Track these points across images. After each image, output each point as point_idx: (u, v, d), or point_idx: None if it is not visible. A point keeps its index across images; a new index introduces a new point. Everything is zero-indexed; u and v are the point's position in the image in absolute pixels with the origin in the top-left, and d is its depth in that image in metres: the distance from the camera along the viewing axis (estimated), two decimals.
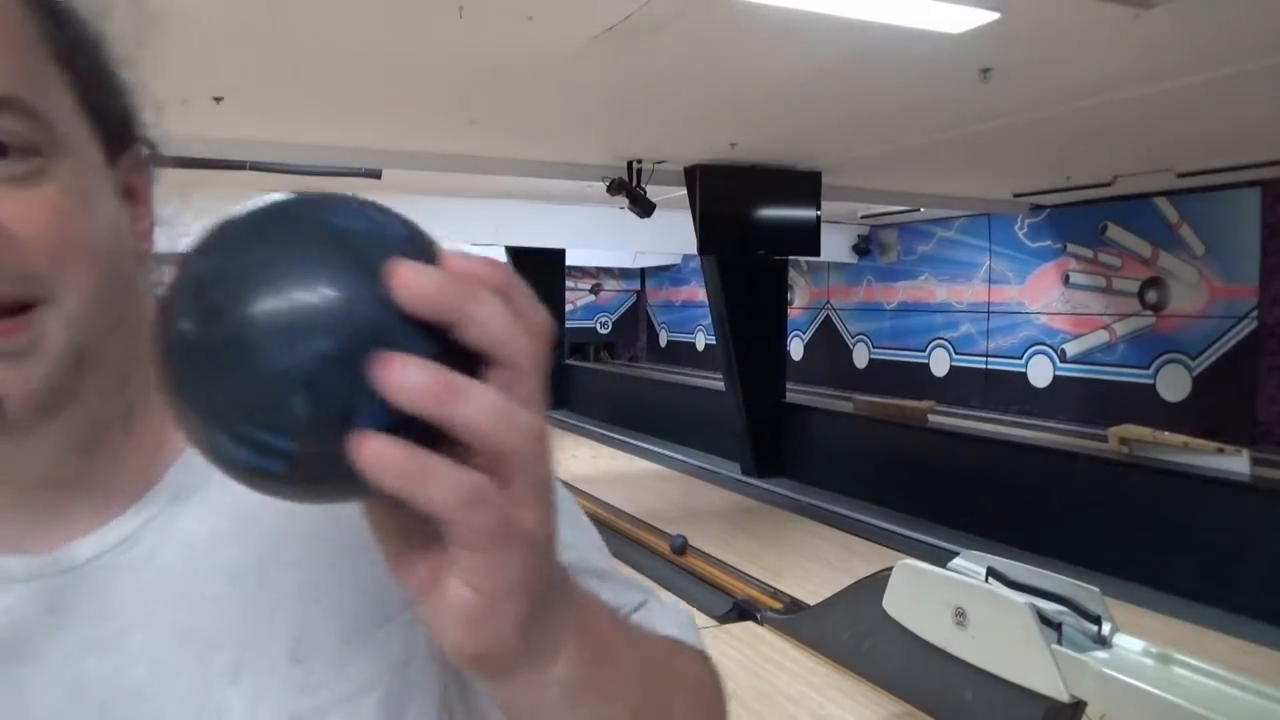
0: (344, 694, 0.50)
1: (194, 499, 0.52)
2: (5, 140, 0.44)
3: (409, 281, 0.31)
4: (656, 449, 9.03)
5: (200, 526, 0.51)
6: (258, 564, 0.51)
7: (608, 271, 15.74)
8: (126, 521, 0.50)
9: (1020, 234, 8.95)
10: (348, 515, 0.51)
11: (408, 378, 0.30)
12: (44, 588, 0.49)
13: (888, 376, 10.46)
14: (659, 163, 6.38)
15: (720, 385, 8.28)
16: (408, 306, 0.30)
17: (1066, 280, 8.49)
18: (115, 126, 0.51)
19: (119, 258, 0.49)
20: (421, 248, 0.33)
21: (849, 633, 3.74)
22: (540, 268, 10.91)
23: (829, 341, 11.66)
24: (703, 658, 0.57)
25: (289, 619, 0.50)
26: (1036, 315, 8.85)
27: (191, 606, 0.49)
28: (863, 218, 10.19)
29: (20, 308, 0.43)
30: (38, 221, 0.44)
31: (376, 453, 0.30)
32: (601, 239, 10.01)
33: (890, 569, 3.37)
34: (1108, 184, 7.02)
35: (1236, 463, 5.18)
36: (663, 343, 15.53)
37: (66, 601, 0.49)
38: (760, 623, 4.35)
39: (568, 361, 12.30)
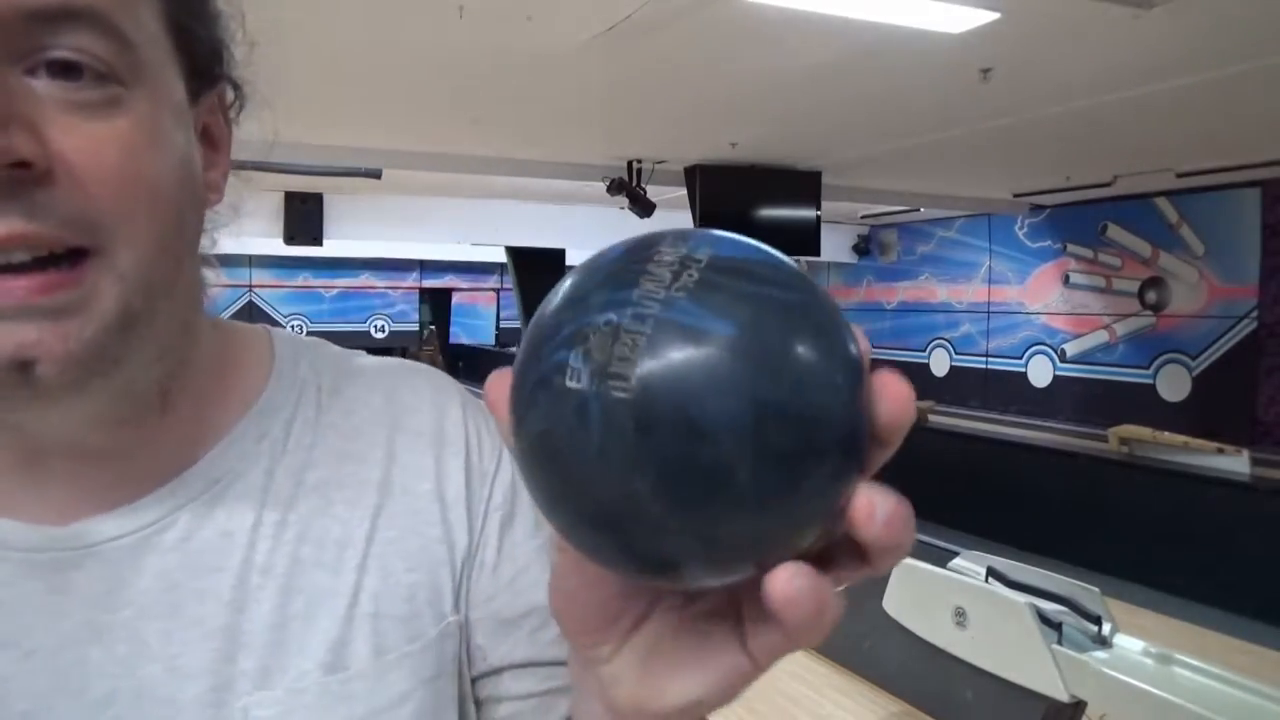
0: (380, 705, 0.47)
1: (236, 487, 0.48)
2: (80, 60, 0.38)
3: (868, 511, 0.28)
4: None
5: (241, 517, 0.47)
6: (295, 564, 0.47)
7: None
8: (159, 502, 0.46)
9: (1020, 234, 8.95)
10: (389, 532, 0.50)
11: (793, 588, 0.27)
12: (48, 563, 0.43)
13: None
14: (659, 163, 6.38)
15: None
16: (856, 524, 0.28)
17: (1066, 280, 8.49)
18: (202, 60, 0.46)
19: (186, 209, 0.43)
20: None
21: (849, 633, 3.74)
22: (540, 268, 10.91)
23: None
24: None
25: (324, 624, 0.47)
26: (1036, 315, 8.85)
27: (222, 601, 0.45)
28: (863, 218, 10.20)
29: (69, 255, 0.38)
30: (105, 158, 0.38)
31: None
32: (601, 239, 9.92)
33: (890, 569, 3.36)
34: (1108, 184, 7.02)
35: (1236, 463, 5.19)
36: None
37: (74, 582, 0.43)
38: None
39: None
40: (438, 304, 15.71)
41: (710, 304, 0.26)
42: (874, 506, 0.28)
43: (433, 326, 16.20)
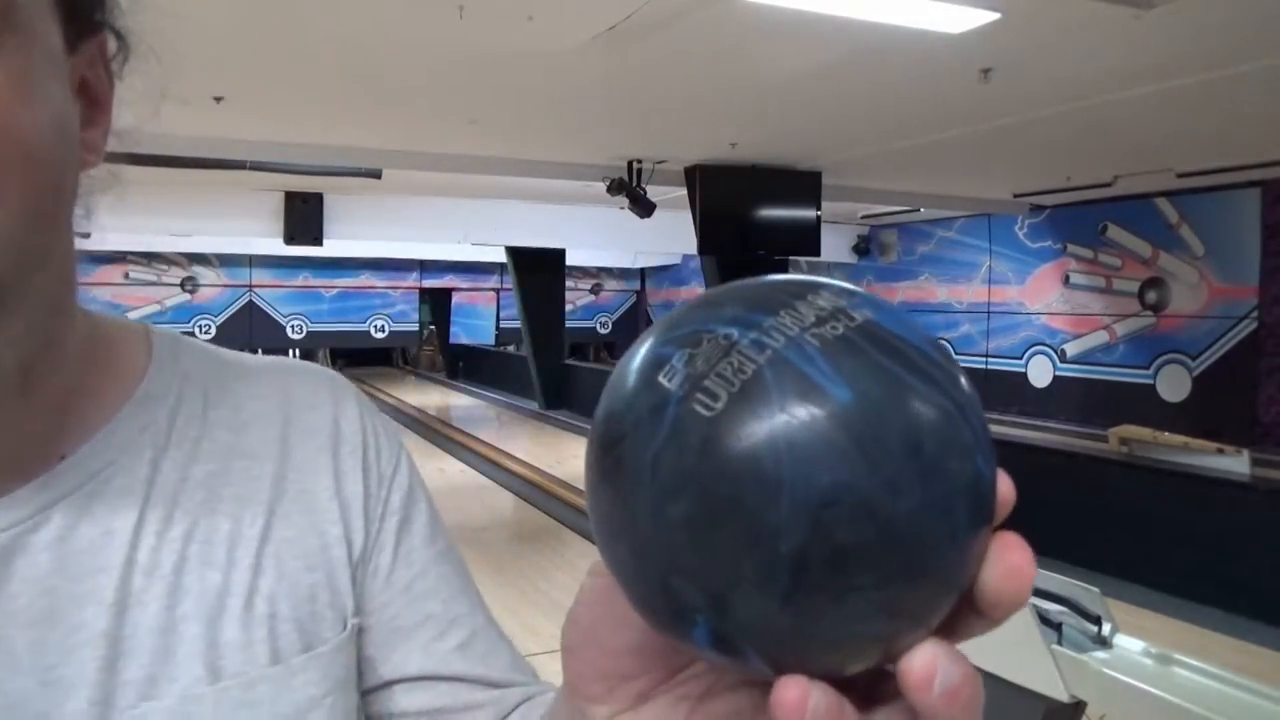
0: (287, 712, 0.44)
1: (116, 481, 0.43)
2: None
3: (925, 674, 0.23)
4: None
5: (124, 514, 0.43)
6: (183, 562, 0.43)
7: (608, 271, 15.75)
8: (28, 498, 0.41)
9: (1020, 234, 8.95)
10: (285, 531, 0.47)
11: (804, 706, 0.24)
12: None
13: None
14: (659, 163, 6.38)
15: None
16: (906, 684, 0.24)
17: (1066, 280, 8.49)
18: (81, 5, 0.41)
19: (63, 171, 0.38)
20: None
21: None
22: (540, 268, 10.91)
23: None
24: None
25: (216, 626, 0.43)
26: (1036, 315, 8.85)
27: (104, 604, 0.41)
28: (863, 218, 10.20)
29: None
30: None
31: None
32: (601, 239, 10.01)
33: None
34: (1108, 184, 7.02)
35: (1236, 463, 5.18)
36: None
37: None
38: None
39: (568, 361, 12.32)
40: (438, 304, 15.71)
41: (840, 363, 0.23)
42: (934, 670, 0.23)
43: (433, 326, 16.21)
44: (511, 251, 10.83)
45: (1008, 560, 0.24)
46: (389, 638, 0.50)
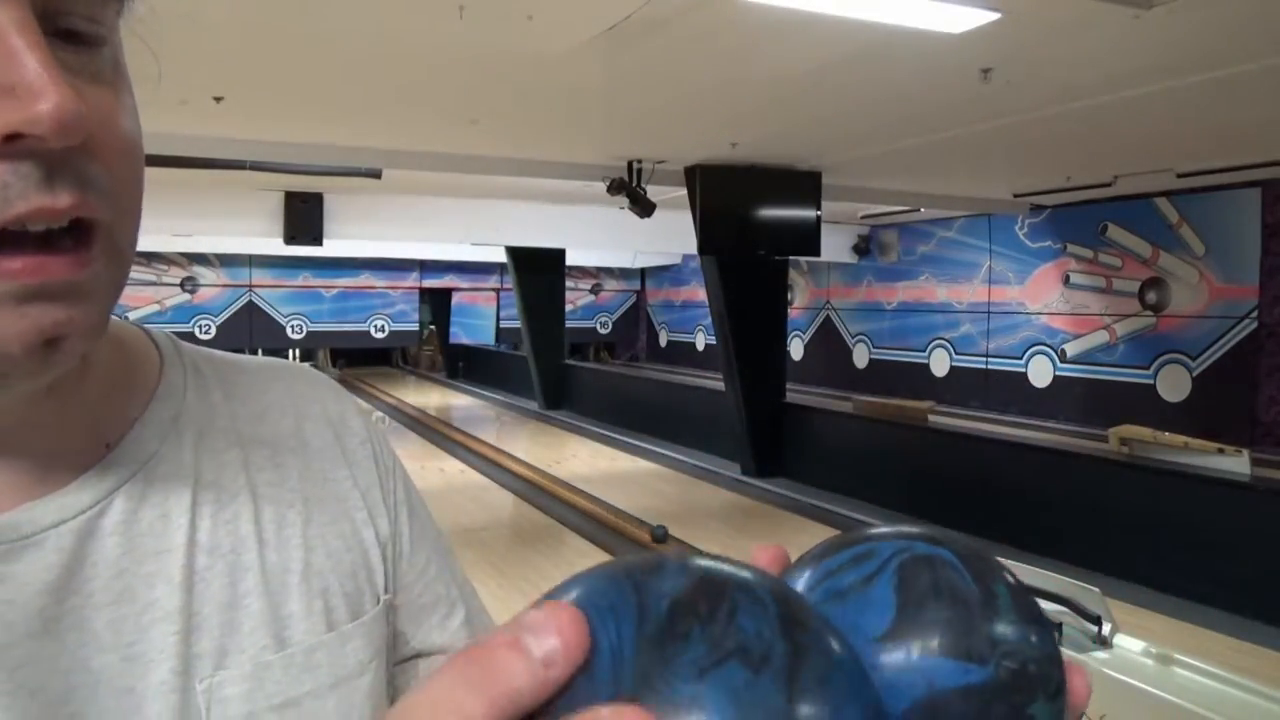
0: (344, 675, 0.48)
1: (162, 468, 0.46)
2: (78, 27, 0.35)
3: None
4: (656, 449, 9.03)
5: (177, 497, 0.45)
6: (240, 542, 0.47)
7: (608, 271, 15.75)
8: (89, 486, 0.43)
9: (1020, 234, 8.95)
10: (321, 515, 0.51)
11: None
12: None
13: (888, 376, 10.46)
14: (659, 163, 6.37)
15: (720, 385, 8.28)
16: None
17: (1067, 280, 8.49)
18: None
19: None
20: None
21: None
22: (540, 268, 10.91)
23: (829, 341, 11.66)
24: None
25: (275, 600, 0.47)
26: (1037, 315, 8.85)
27: (171, 583, 0.43)
28: (863, 218, 10.20)
29: (70, 229, 0.36)
30: (116, 129, 0.37)
31: None
32: (601, 239, 10.01)
33: None
34: (1108, 184, 7.02)
35: (1237, 463, 5.18)
36: (663, 343, 15.53)
37: (16, 574, 0.40)
38: None
39: (568, 361, 12.31)
40: (438, 304, 15.71)
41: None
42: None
43: (433, 326, 16.21)
44: (511, 251, 10.83)
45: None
46: (415, 614, 0.56)
